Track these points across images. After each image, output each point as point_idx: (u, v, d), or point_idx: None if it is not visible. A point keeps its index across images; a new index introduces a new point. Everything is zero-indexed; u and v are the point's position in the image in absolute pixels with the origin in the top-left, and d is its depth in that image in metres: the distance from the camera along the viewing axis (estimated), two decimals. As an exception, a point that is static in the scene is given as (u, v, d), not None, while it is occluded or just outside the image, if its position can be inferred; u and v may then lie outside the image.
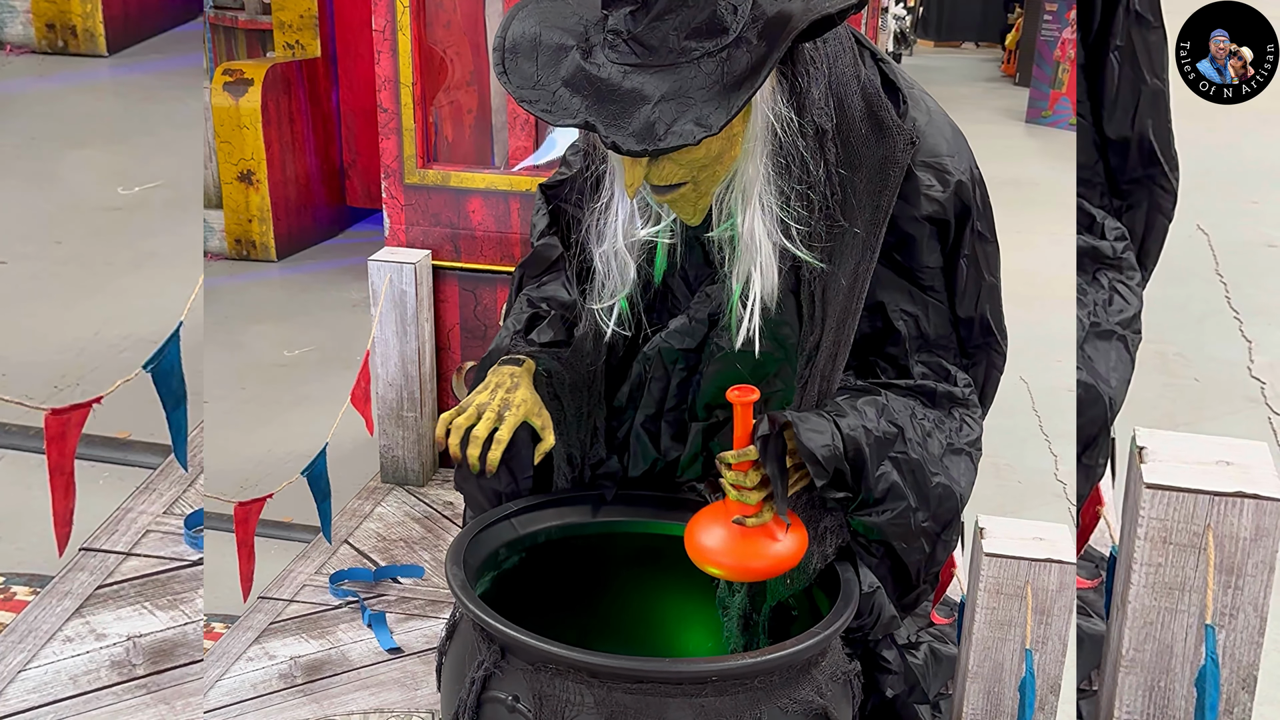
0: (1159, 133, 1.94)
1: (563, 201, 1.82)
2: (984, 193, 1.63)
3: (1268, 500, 1.26)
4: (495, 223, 2.84)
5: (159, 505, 2.69)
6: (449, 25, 3.04)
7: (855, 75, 1.54)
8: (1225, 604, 1.29)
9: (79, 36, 5.24)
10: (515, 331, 1.74)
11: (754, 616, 1.66)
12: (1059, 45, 8.61)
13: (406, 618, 2.41)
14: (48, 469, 1.69)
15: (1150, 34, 1.92)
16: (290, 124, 4.58)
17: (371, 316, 2.83)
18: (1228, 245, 4.37)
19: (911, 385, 1.61)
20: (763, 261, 1.51)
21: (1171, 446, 1.34)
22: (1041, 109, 8.67)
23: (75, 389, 3.02)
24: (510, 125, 2.94)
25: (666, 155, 1.42)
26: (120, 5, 5.30)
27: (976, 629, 1.56)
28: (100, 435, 2.72)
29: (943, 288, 1.63)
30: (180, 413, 1.80)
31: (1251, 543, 1.27)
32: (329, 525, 2.45)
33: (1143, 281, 2.00)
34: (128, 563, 2.49)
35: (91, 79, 5.16)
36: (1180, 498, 1.27)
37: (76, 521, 1.73)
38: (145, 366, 1.73)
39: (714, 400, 1.67)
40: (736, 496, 1.46)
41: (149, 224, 4.02)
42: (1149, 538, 1.29)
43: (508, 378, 1.62)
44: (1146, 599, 1.31)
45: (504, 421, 1.58)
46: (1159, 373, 3.55)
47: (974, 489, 1.63)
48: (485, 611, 1.41)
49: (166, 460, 2.81)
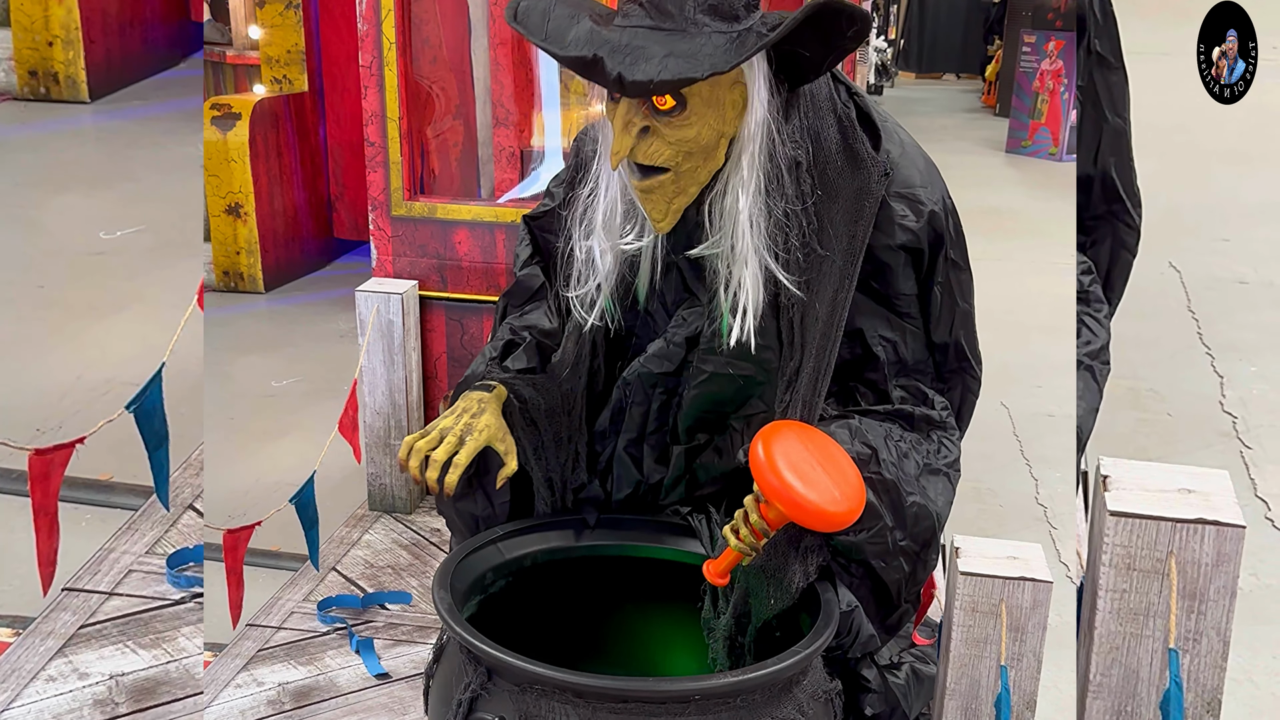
0: (1121, 170, 2.00)
1: (546, 232, 1.86)
2: (957, 222, 1.68)
3: (1229, 527, 1.27)
4: (481, 253, 2.88)
5: (141, 545, 2.69)
6: (435, 61, 3.10)
7: (831, 109, 1.59)
8: (1189, 629, 1.30)
9: (61, 83, 5.29)
10: (491, 358, 1.77)
11: (739, 638, 1.69)
12: (1038, 77, 8.74)
13: (394, 643, 2.43)
14: (32, 509, 1.71)
15: (1111, 75, 1.98)
16: (278, 157, 4.63)
17: (359, 346, 2.86)
18: (1199, 282, 4.43)
19: (890, 410, 1.65)
20: (750, 264, 1.54)
21: (1134, 475, 1.36)
22: (1021, 139, 8.79)
23: (58, 431, 3.01)
24: (496, 158, 2.99)
25: (660, 123, 1.46)
26: (102, 52, 5.36)
27: (953, 646, 1.59)
28: (82, 477, 2.73)
29: (919, 314, 1.68)
30: (162, 453, 1.83)
31: (1213, 568, 1.28)
32: (317, 552, 2.47)
33: (1109, 314, 2.05)
34: (110, 602, 2.49)
35: (74, 125, 5.21)
36: (1143, 525, 1.29)
37: (59, 562, 1.75)
38: (128, 407, 1.76)
39: (695, 424, 1.70)
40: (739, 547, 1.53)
41: (131, 268, 4.04)
42: (1113, 564, 1.30)
43: (475, 403, 1.65)
44: (1112, 624, 1.33)
45: (464, 446, 1.60)
46: (1132, 408, 3.60)
47: (956, 511, 1.66)
48: (471, 634, 1.43)
49: (149, 501, 2.81)
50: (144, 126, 5.20)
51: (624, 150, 1.49)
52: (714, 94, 1.49)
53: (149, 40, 5.67)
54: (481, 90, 3.19)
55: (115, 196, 4.58)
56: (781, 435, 1.50)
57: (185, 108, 5.23)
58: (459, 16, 3.16)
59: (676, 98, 1.47)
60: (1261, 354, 3.96)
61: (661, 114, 1.48)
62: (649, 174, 1.52)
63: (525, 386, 1.70)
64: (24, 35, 5.24)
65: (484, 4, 3.12)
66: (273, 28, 4.70)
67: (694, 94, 1.47)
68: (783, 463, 1.45)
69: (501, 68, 3.05)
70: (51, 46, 5.24)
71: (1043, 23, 9.10)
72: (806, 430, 1.54)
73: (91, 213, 4.44)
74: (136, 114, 5.36)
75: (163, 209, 4.42)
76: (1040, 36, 8.85)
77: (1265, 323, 4.21)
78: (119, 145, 5.05)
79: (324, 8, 4.71)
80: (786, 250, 1.55)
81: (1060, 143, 8.56)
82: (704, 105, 1.49)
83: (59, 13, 5.19)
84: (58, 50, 5.22)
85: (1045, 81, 8.69)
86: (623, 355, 1.77)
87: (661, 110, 1.48)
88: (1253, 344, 4.03)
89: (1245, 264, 4.65)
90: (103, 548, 2.67)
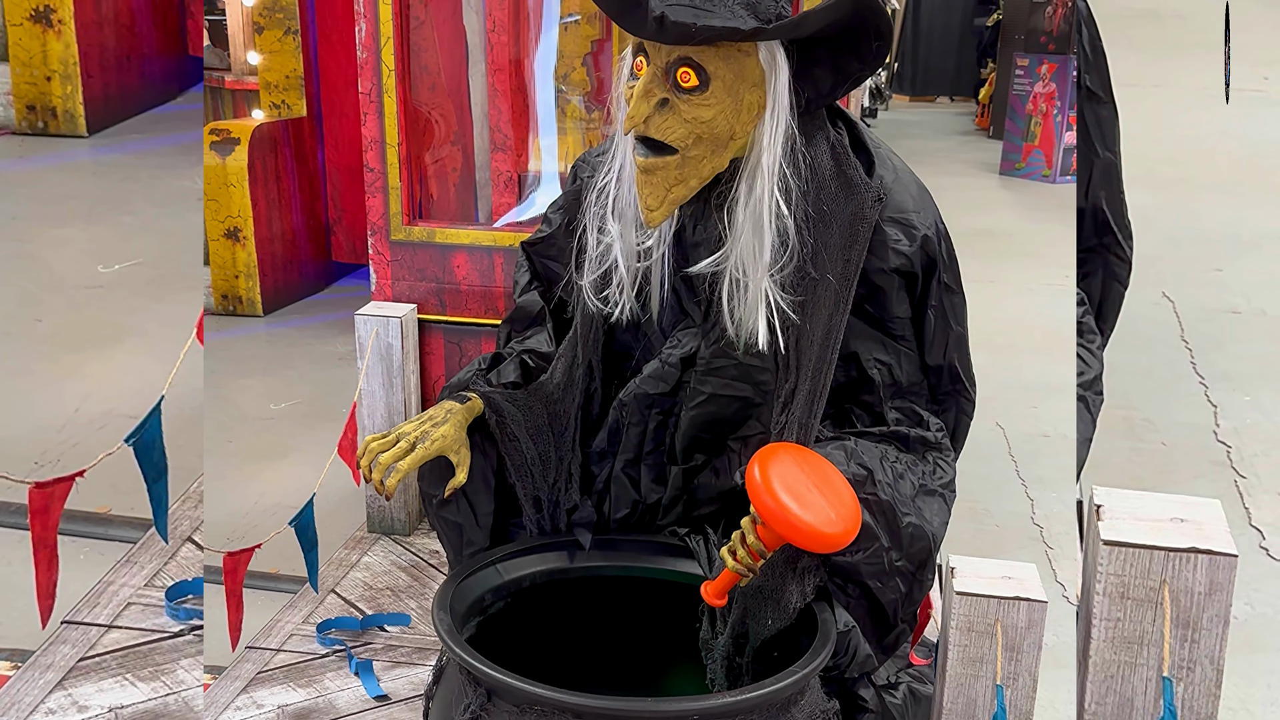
0: (1112, 203, 2.03)
1: (544, 258, 1.88)
2: (949, 246, 1.70)
3: (1221, 555, 1.28)
4: (480, 277, 2.90)
5: (140, 578, 2.69)
6: (434, 88, 3.13)
7: (825, 137, 1.61)
8: (1183, 657, 1.31)
9: (59, 117, 5.34)
10: (479, 370, 1.79)
11: (737, 658, 1.70)
12: (1031, 100, 8.79)
13: (393, 665, 2.43)
14: (31, 542, 1.70)
15: (1101, 109, 2.01)
16: (276, 182, 4.65)
17: (358, 369, 2.88)
18: (1192, 312, 4.43)
19: (886, 431, 1.67)
20: (764, 232, 1.55)
21: (1127, 504, 1.37)
22: (1015, 162, 8.84)
23: (56, 465, 3.01)
24: (494, 183, 3.02)
25: (680, 99, 1.48)
26: (100, 87, 5.41)
27: (950, 666, 1.60)
28: (80, 510, 2.70)
29: (913, 337, 1.70)
30: (161, 485, 1.84)
31: (1206, 597, 1.29)
32: (316, 575, 2.48)
33: (1102, 344, 2.07)
34: (109, 635, 2.49)
35: (72, 159, 5.23)
36: (1136, 554, 1.30)
37: (58, 595, 1.74)
38: (128, 440, 1.77)
39: (692, 444, 1.72)
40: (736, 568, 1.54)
41: (129, 301, 4.05)
42: (1107, 593, 1.31)
43: (443, 412, 1.67)
44: (1107, 653, 1.34)
45: (413, 452, 1.62)
46: (1127, 437, 3.60)
47: (952, 531, 1.68)
48: (471, 655, 1.44)
49: (148, 533, 2.81)
50: (141, 160, 5.23)
51: (640, 116, 1.50)
52: (736, 84, 1.51)
53: (146, 75, 5.71)
54: (479, 115, 3.22)
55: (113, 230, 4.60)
56: (777, 458, 1.51)
57: (182, 141, 5.25)
58: (456, 43, 3.19)
59: (701, 76, 1.49)
60: (1255, 384, 3.96)
61: (683, 90, 1.50)
62: (657, 152, 1.53)
63: (505, 401, 1.72)
64: (22, 70, 5.29)
65: (481, 30, 3.15)
66: (271, 54, 4.74)
67: (718, 77, 1.49)
68: (779, 485, 1.47)
69: (499, 93, 3.08)
70: (50, 81, 5.29)
71: (1036, 46, 9.16)
72: (802, 452, 1.55)
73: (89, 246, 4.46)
74: (134, 148, 5.39)
75: (160, 242, 4.43)
76: (1033, 60, 8.91)
77: (1258, 353, 4.22)
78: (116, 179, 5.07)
79: (322, 34, 4.75)
80: (782, 270, 1.58)
81: (1054, 165, 8.61)
82: (725, 91, 1.50)
83: (57, 48, 5.24)
84: (56, 85, 5.27)
85: (1039, 104, 8.75)
86: (620, 377, 1.79)
87: (684, 87, 1.49)
88: (1246, 374, 4.04)
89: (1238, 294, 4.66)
90: (102, 580, 2.67)
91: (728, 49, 1.49)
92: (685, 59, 1.49)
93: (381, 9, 2.79)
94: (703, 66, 1.49)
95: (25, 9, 5.19)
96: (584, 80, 3.33)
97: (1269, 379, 4.00)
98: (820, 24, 1.46)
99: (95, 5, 5.34)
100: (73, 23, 5.19)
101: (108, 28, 5.43)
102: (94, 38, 5.34)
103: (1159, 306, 4.38)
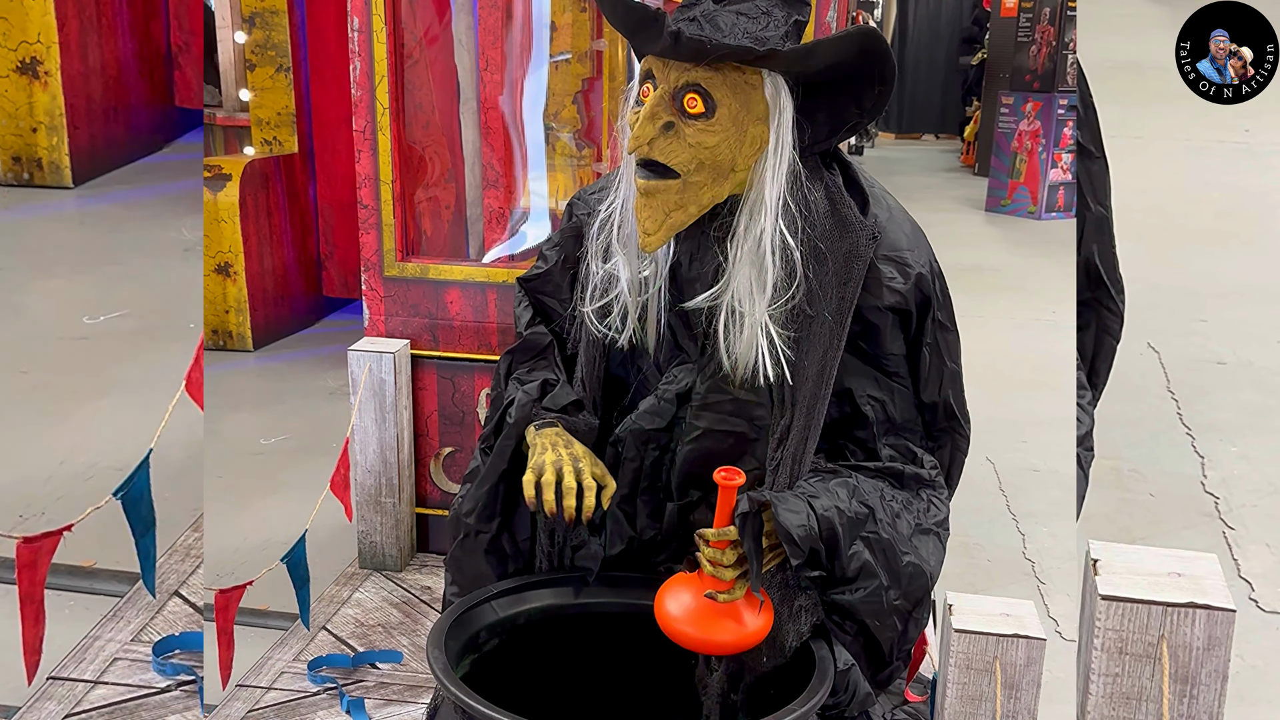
0: (1104, 257, 2.03)
1: (541, 294, 1.89)
2: (943, 285, 1.72)
3: (1219, 610, 1.28)
4: (473, 313, 2.91)
5: (127, 633, 2.66)
6: (427, 126, 3.15)
7: (819, 177, 1.63)
8: (1181, 713, 1.31)
9: (45, 169, 5.35)
10: (534, 400, 1.76)
11: (732, 696, 1.69)
12: (1016, 137, 8.88)
13: (385, 703, 2.41)
14: (18, 597, 1.68)
15: (1093, 164, 2.02)
16: (268, 217, 4.67)
17: (349, 404, 2.87)
18: (1178, 363, 4.44)
19: (880, 467, 1.67)
20: (766, 264, 1.55)
21: (1124, 559, 1.37)
22: (1000, 198, 8.91)
23: (41, 518, 2.98)
24: (485, 219, 3.04)
25: (686, 124, 1.49)
26: (86, 138, 5.43)
27: (948, 704, 1.60)
28: (65, 564, 2.66)
29: (907, 374, 1.71)
30: (149, 539, 1.82)
31: (1205, 652, 1.29)
32: (307, 611, 2.46)
33: (1094, 400, 2.07)
34: (95, 691, 2.45)
35: (57, 210, 5.23)
36: (1134, 609, 1.30)
37: (43, 650, 1.72)
38: (116, 494, 1.75)
39: (687, 480, 1.72)
40: (712, 572, 1.51)
41: (115, 352, 4.04)
42: (1105, 648, 1.32)
43: (556, 437, 1.68)
44: (1105, 709, 1.33)
45: (584, 473, 1.64)
46: (1115, 488, 3.61)
47: (945, 567, 1.68)
48: (467, 694, 1.43)
49: (134, 587, 2.78)
50: (128, 211, 5.23)
51: (644, 137, 1.50)
52: (741, 115, 1.52)
53: (133, 126, 5.73)
54: (471, 153, 3.25)
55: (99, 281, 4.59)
56: (670, 591, 1.55)
57: (169, 192, 5.26)
58: (449, 81, 3.22)
59: (708, 104, 1.50)
60: (1242, 434, 3.97)
61: (689, 116, 1.51)
62: (659, 175, 1.54)
63: (585, 426, 1.73)
64: (8, 121, 5.30)
65: (473, 69, 3.18)
66: (263, 90, 4.77)
67: (724, 105, 1.51)
68: (682, 620, 1.51)
69: (491, 131, 3.10)
70: (35, 133, 5.31)
71: (1020, 84, 9.26)
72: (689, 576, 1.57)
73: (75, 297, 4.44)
74: (120, 198, 5.39)
75: (147, 293, 4.42)
76: (1018, 98, 9.01)
77: (1244, 403, 4.22)
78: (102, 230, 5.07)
79: (314, 71, 4.78)
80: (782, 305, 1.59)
81: (1039, 201, 8.69)
82: (730, 121, 1.52)
83: (43, 99, 5.26)
84: (41, 136, 5.29)
85: (1024, 141, 8.83)
86: (610, 412, 1.80)
87: (690, 112, 1.51)
88: (1233, 424, 4.04)
89: (1223, 344, 4.67)
90: (88, 635, 2.64)
91: (735, 80, 1.51)
92: (693, 85, 1.50)
93: (376, 47, 2.81)
94: (710, 94, 1.50)
95: (11, 61, 5.22)
96: (574, 118, 3.36)
97: (1256, 429, 4.00)
98: (830, 57, 1.48)
99: (82, 57, 5.37)
100: (59, 74, 5.23)
101: (94, 79, 5.46)
102: (80, 89, 5.37)
103: (1145, 357, 4.39)
